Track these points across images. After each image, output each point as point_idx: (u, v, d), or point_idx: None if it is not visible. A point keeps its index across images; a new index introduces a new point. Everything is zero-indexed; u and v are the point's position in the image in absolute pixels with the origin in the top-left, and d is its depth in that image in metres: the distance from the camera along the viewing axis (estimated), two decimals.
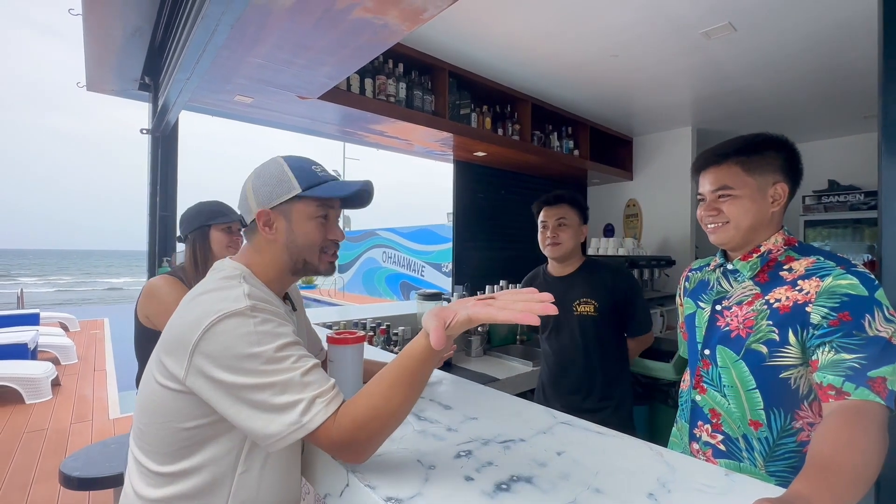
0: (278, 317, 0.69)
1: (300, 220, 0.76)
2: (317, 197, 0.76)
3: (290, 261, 0.78)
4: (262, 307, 0.67)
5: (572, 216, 1.59)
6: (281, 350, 0.64)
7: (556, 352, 1.64)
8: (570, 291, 1.60)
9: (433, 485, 0.64)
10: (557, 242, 1.58)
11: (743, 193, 0.90)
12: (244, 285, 0.70)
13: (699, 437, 0.93)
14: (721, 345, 0.91)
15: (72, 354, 5.25)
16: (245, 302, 0.66)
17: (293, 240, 0.77)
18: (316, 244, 0.78)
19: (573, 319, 1.58)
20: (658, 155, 3.73)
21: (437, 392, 1.06)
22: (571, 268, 1.64)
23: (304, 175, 0.76)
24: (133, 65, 1.88)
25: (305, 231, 0.77)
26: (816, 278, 0.80)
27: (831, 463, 0.60)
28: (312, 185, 0.76)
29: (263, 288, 0.76)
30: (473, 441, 0.79)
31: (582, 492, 0.63)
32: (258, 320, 0.65)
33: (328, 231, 0.79)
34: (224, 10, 0.95)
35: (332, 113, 2.16)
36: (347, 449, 0.63)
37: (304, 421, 0.61)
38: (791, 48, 2.20)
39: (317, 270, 0.80)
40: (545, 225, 1.62)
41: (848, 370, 0.71)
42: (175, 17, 1.46)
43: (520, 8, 1.90)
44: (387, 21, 1.33)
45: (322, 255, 0.79)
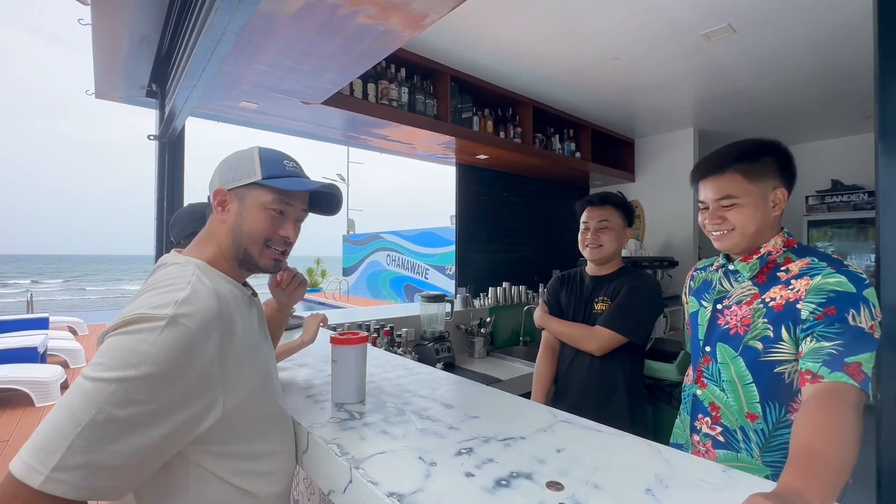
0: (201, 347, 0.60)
1: (252, 207, 0.74)
2: (275, 188, 0.74)
3: (233, 248, 0.75)
4: (189, 322, 0.60)
5: (616, 219, 1.54)
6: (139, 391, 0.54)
7: (574, 352, 1.63)
8: (596, 290, 1.58)
9: (434, 481, 0.66)
10: (598, 245, 1.53)
11: (747, 201, 0.91)
12: (185, 287, 0.64)
13: (700, 429, 0.96)
14: (721, 342, 0.93)
15: (80, 358, 5.31)
16: (170, 309, 0.59)
17: (239, 225, 0.74)
18: (261, 235, 0.74)
19: (592, 317, 1.57)
20: (660, 156, 3.74)
21: (440, 391, 1.08)
22: (608, 270, 1.60)
23: (270, 165, 0.75)
24: (140, 72, 1.92)
25: (254, 219, 0.74)
26: (807, 277, 0.82)
27: (814, 452, 0.62)
28: (275, 176, 0.74)
29: (222, 279, 0.73)
30: (474, 439, 0.80)
31: (580, 487, 0.64)
32: (167, 341, 0.57)
33: (280, 226, 0.76)
34: (230, 19, 0.97)
35: (336, 118, 2.19)
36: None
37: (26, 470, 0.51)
38: (792, 49, 2.21)
39: (257, 264, 0.76)
40: (587, 226, 1.56)
41: (825, 356, 0.73)
42: (181, 26, 1.49)
43: (520, 12, 1.93)
44: (389, 27, 1.36)
45: (265, 250, 0.76)
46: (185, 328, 0.59)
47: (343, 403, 0.98)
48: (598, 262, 1.60)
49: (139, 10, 1.47)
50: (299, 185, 0.75)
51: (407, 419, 0.90)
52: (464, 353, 2.57)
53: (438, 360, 2.22)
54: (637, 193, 3.91)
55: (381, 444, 0.78)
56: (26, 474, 0.50)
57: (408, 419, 0.90)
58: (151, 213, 2.14)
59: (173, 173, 2.10)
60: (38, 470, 0.50)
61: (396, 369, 1.27)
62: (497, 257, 3.38)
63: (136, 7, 1.45)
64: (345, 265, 14.04)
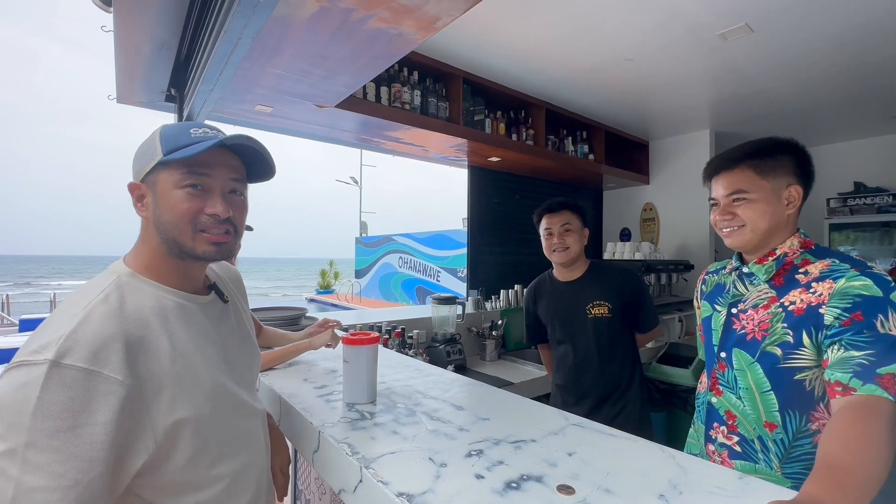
0: (99, 382, 0.52)
1: (164, 191, 0.64)
2: (178, 160, 0.63)
3: (164, 243, 0.66)
4: (78, 360, 0.52)
5: (575, 221, 1.62)
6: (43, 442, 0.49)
7: (572, 360, 1.64)
8: (582, 295, 1.62)
9: (444, 482, 0.66)
10: (566, 247, 1.60)
11: (758, 197, 0.89)
12: (79, 316, 0.55)
13: (715, 438, 0.93)
14: (737, 347, 0.91)
15: None
16: (52, 351, 0.51)
17: (158, 216, 0.65)
18: (183, 218, 0.64)
19: (588, 322, 1.59)
20: (675, 158, 3.69)
21: (450, 393, 1.08)
22: (579, 272, 1.66)
23: (171, 139, 0.64)
24: (160, 77, 1.97)
25: (170, 203, 0.64)
26: (830, 280, 0.79)
27: (841, 462, 0.59)
28: (177, 149, 0.63)
29: (152, 288, 0.65)
30: (485, 441, 0.80)
31: (592, 491, 0.63)
32: (58, 382, 0.50)
33: (204, 203, 0.65)
34: (246, 24, 0.99)
35: (350, 121, 2.21)
36: None
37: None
38: (812, 49, 2.16)
39: (194, 253, 0.66)
40: (550, 232, 1.62)
41: (856, 367, 0.70)
42: (199, 32, 1.53)
43: (533, 15, 1.92)
44: (401, 30, 1.37)
45: (198, 235, 0.65)
46: (71, 368, 0.51)
47: (354, 403, 0.98)
48: (567, 265, 1.64)
49: (160, 17, 1.52)
50: (199, 147, 0.62)
51: (417, 420, 0.90)
52: (475, 355, 2.56)
53: (449, 363, 2.22)
54: (651, 196, 3.86)
55: (391, 445, 0.78)
56: None
57: (418, 420, 0.90)
58: None
59: None
60: None
61: (407, 370, 1.27)
62: (509, 260, 3.36)
63: (157, 14, 1.49)
64: (357, 267, 14.14)
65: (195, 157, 0.63)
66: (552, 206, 1.65)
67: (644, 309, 1.63)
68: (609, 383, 1.59)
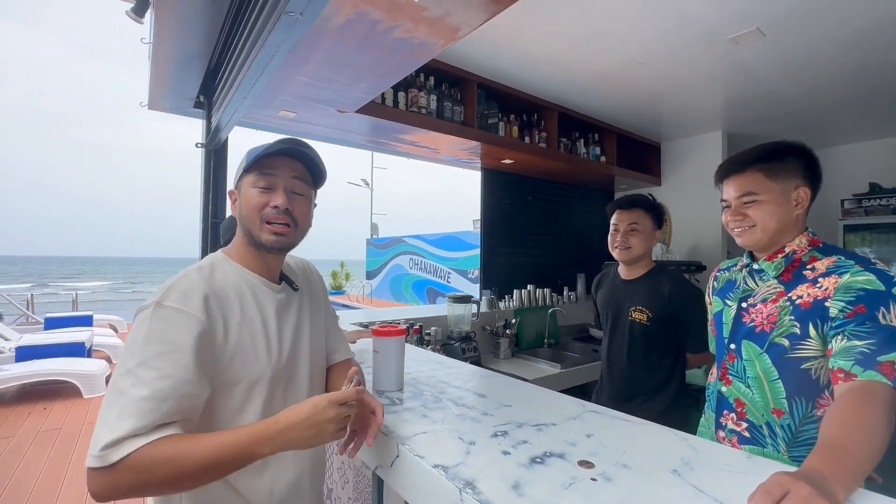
0: (186, 319, 0.68)
1: (245, 192, 0.81)
2: (253, 164, 0.79)
3: (245, 234, 0.81)
4: (170, 304, 0.69)
5: (646, 221, 1.57)
6: (151, 360, 0.64)
7: (606, 352, 1.68)
8: (630, 296, 1.60)
9: (474, 456, 0.72)
10: (627, 247, 1.56)
11: (768, 198, 0.94)
12: (177, 277, 0.74)
13: (725, 425, 0.98)
14: (746, 339, 0.96)
15: None
16: (161, 293, 0.70)
17: (241, 211, 0.81)
18: (255, 211, 0.79)
19: (626, 324, 1.59)
20: (687, 160, 3.71)
21: (472, 383, 1.14)
22: (638, 272, 1.62)
23: (253, 152, 0.80)
24: (190, 85, 2.07)
25: (247, 200, 0.80)
26: (835, 275, 0.84)
27: (841, 442, 0.64)
28: (253, 158, 0.80)
29: (234, 268, 0.80)
30: (508, 424, 0.86)
31: (610, 466, 0.69)
32: (158, 318, 0.67)
33: (270, 199, 0.79)
34: (284, 38, 1.07)
35: (367, 124, 2.29)
36: (94, 478, 0.59)
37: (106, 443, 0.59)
38: (824, 50, 2.18)
39: (260, 242, 0.80)
40: (616, 228, 1.59)
41: (858, 355, 0.75)
42: (231, 43, 1.62)
43: (547, 21, 1.98)
44: (424, 40, 1.44)
45: (264, 226, 0.79)
46: (168, 307, 0.69)
47: (384, 391, 1.05)
48: (627, 264, 1.63)
49: (197, 30, 1.61)
50: (260, 151, 0.79)
51: (444, 406, 0.97)
52: (489, 353, 2.62)
53: (465, 359, 2.28)
54: (663, 197, 3.88)
55: (422, 426, 0.85)
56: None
57: (444, 406, 0.97)
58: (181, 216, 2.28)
59: (217, 178, 2.24)
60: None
61: (429, 363, 1.34)
62: (521, 260, 3.41)
63: (195, 28, 1.58)
64: (368, 269, 14.27)
65: (260, 158, 0.79)
66: (624, 203, 1.60)
67: (691, 329, 1.49)
68: (634, 386, 1.57)
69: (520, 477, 0.65)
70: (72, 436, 3.31)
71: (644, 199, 1.61)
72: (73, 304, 8.36)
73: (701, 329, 1.47)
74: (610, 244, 1.63)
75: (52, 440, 3.22)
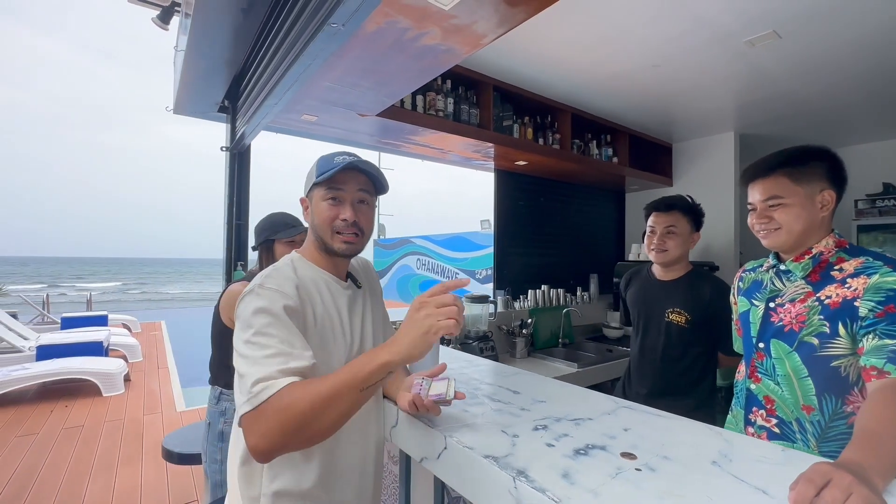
0: (278, 298, 0.79)
1: (316, 203, 0.90)
2: (322, 181, 0.88)
3: (317, 240, 0.91)
4: (270, 285, 0.80)
5: (683, 224, 1.56)
6: (264, 328, 0.75)
7: (638, 349, 1.68)
8: (668, 297, 1.60)
9: (520, 448, 0.76)
10: (664, 249, 1.56)
11: (793, 201, 0.97)
12: (270, 269, 0.85)
13: (754, 421, 1.01)
14: (775, 338, 0.99)
15: (137, 353, 5.70)
16: (260, 280, 0.82)
17: (313, 221, 0.91)
18: (326, 223, 0.89)
19: (662, 324, 1.59)
20: (699, 160, 3.72)
21: (504, 380, 1.18)
22: (675, 274, 1.62)
23: (322, 165, 0.89)
24: (216, 91, 2.12)
25: (319, 211, 0.90)
26: (864, 276, 0.87)
27: (877, 435, 0.67)
28: (324, 172, 0.88)
29: (310, 267, 0.91)
30: (547, 418, 0.89)
31: (652, 458, 0.72)
32: (262, 297, 0.78)
33: (339, 212, 0.89)
34: (323, 48, 1.11)
35: (372, 125, 2.29)
36: (249, 433, 0.68)
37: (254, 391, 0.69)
38: (840, 51, 2.20)
39: (332, 250, 0.90)
40: (653, 230, 1.59)
41: (890, 353, 0.78)
42: (262, 51, 1.66)
43: (564, 25, 2.01)
44: (450, 46, 1.47)
45: (335, 235, 0.89)
46: (269, 288, 0.81)
47: None
48: (663, 266, 1.63)
49: (229, 39, 1.65)
50: (331, 172, 0.86)
51: (481, 401, 1.00)
52: (505, 353, 2.65)
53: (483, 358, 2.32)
54: None
55: (464, 420, 0.89)
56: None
57: (482, 401, 1.00)
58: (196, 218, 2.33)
59: (241, 181, 2.30)
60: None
61: (459, 361, 1.38)
62: (535, 261, 3.44)
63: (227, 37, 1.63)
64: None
65: (330, 177, 0.88)
66: (661, 205, 1.60)
67: (728, 332, 1.44)
68: (665, 387, 1.58)
69: (568, 467, 0.69)
70: (94, 432, 3.38)
71: (682, 200, 1.60)
72: (88, 305, 8.48)
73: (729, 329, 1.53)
74: (646, 247, 1.63)
75: (76, 437, 3.29)
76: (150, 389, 4.53)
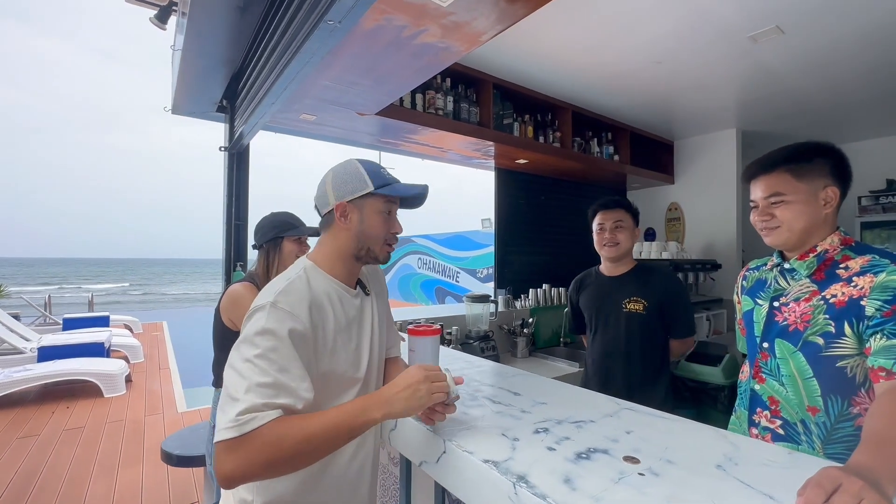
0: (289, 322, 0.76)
1: (370, 214, 0.88)
2: (386, 196, 0.88)
3: (356, 247, 0.89)
4: (283, 307, 0.77)
5: (628, 219, 1.69)
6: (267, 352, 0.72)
7: (600, 348, 1.71)
8: (621, 290, 1.68)
9: (521, 452, 0.74)
10: (616, 243, 1.67)
11: (795, 198, 0.95)
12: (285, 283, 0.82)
13: (758, 422, 0.99)
14: (779, 338, 0.97)
15: (139, 354, 5.70)
16: (275, 296, 0.79)
17: (363, 230, 0.88)
18: (381, 235, 0.89)
19: (621, 316, 1.65)
20: (701, 158, 3.70)
21: (505, 381, 1.16)
22: (624, 268, 1.72)
23: (375, 175, 0.88)
24: (215, 91, 2.11)
25: (374, 223, 0.88)
26: (871, 275, 0.85)
27: (887, 437, 0.65)
28: (382, 185, 0.88)
29: (323, 278, 0.88)
30: (548, 421, 0.88)
31: (655, 462, 0.71)
32: (272, 318, 0.75)
33: (392, 225, 0.91)
34: (320, 46, 1.10)
35: (372, 124, 2.29)
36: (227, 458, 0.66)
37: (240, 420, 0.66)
38: (843, 47, 2.17)
39: (377, 259, 0.92)
40: (602, 227, 1.70)
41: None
42: (259, 49, 1.65)
43: (564, 23, 1.99)
44: (449, 44, 1.46)
45: (384, 246, 0.91)
46: (281, 309, 0.78)
47: None
48: (614, 260, 1.71)
49: (226, 38, 1.64)
50: (406, 191, 0.89)
51: (481, 403, 0.99)
52: (506, 352, 2.64)
53: (483, 358, 2.30)
54: (676, 195, 3.87)
55: (464, 423, 0.87)
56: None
57: (482, 403, 0.99)
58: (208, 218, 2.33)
59: (240, 181, 2.28)
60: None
61: (458, 361, 1.36)
62: (536, 259, 3.43)
63: (224, 36, 1.62)
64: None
65: (396, 196, 0.89)
66: (607, 204, 1.72)
67: (680, 315, 1.65)
68: (631, 378, 1.62)
69: (569, 471, 0.67)
70: (96, 433, 3.38)
71: (624, 199, 1.75)
72: (89, 306, 8.49)
73: (688, 314, 1.68)
74: (597, 244, 1.73)
75: (77, 438, 3.29)
76: (151, 390, 4.53)
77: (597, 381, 1.71)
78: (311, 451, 0.70)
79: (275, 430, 0.67)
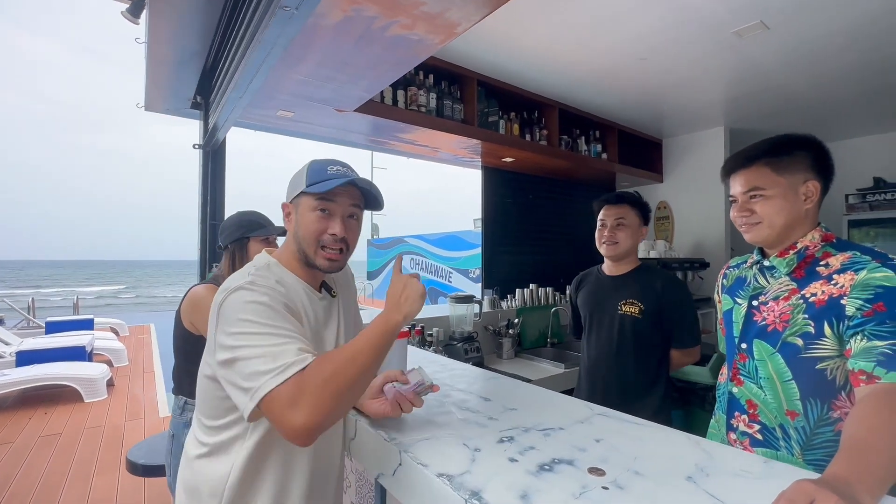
0: (277, 296, 0.74)
1: (303, 212, 0.83)
2: (313, 192, 0.81)
3: (298, 251, 0.84)
4: (262, 283, 0.74)
5: (632, 217, 1.58)
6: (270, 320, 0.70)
7: (593, 349, 1.65)
8: (618, 291, 1.60)
9: (480, 464, 0.69)
10: (614, 242, 1.58)
11: (774, 193, 0.92)
12: (256, 271, 0.79)
13: (736, 427, 0.95)
14: (758, 338, 0.93)
15: (123, 357, 5.59)
16: (247, 278, 0.75)
17: (297, 230, 0.84)
18: (312, 235, 0.82)
19: (616, 318, 1.58)
20: (689, 156, 3.68)
21: (476, 386, 1.11)
22: (626, 268, 1.63)
23: (314, 173, 0.83)
24: (187, 86, 2.04)
25: (305, 222, 0.83)
26: (851, 272, 0.81)
27: (868, 445, 0.61)
28: (316, 182, 0.81)
29: (288, 274, 0.84)
30: (515, 428, 0.83)
31: (622, 473, 0.66)
32: (257, 293, 0.72)
33: (328, 225, 0.83)
34: (280, 34, 1.05)
35: (366, 124, 2.26)
36: (295, 410, 0.62)
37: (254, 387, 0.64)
38: (828, 44, 2.15)
39: (313, 264, 0.84)
40: (604, 224, 1.61)
41: (879, 356, 0.72)
42: (227, 41, 1.59)
43: (547, 18, 1.95)
44: (422, 36, 1.41)
45: (319, 251, 0.83)
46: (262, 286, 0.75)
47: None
48: (614, 259, 1.63)
49: (192, 28, 1.58)
50: (327, 185, 0.81)
51: (447, 410, 0.94)
52: (492, 353, 2.59)
53: (467, 360, 2.25)
54: (665, 194, 3.85)
55: (425, 432, 0.82)
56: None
57: (448, 410, 0.94)
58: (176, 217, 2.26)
59: (215, 180, 2.22)
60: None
61: (433, 365, 1.31)
62: (523, 259, 3.39)
63: (189, 25, 1.56)
64: (369, 269, 14.23)
65: (324, 193, 0.82)
66: (611, 198, 1.63)
67: (681, 323, 1.54)
68: (623, 381, 1.55)
69: (528, 486, 0.62)
70: (72, 440, 3.29)
71: (630, 195, 1.63)
72: (74, 308, 8.35)
73: (691, 323, 1.56)
74: (597, 240, 1.65)
75: (53, 445, 3.20)
76: (133, 395, 4.43)
77: (587, 386, 1.65)
78: (361, 377, 0.67)
79: (321, 363, 0.65)
